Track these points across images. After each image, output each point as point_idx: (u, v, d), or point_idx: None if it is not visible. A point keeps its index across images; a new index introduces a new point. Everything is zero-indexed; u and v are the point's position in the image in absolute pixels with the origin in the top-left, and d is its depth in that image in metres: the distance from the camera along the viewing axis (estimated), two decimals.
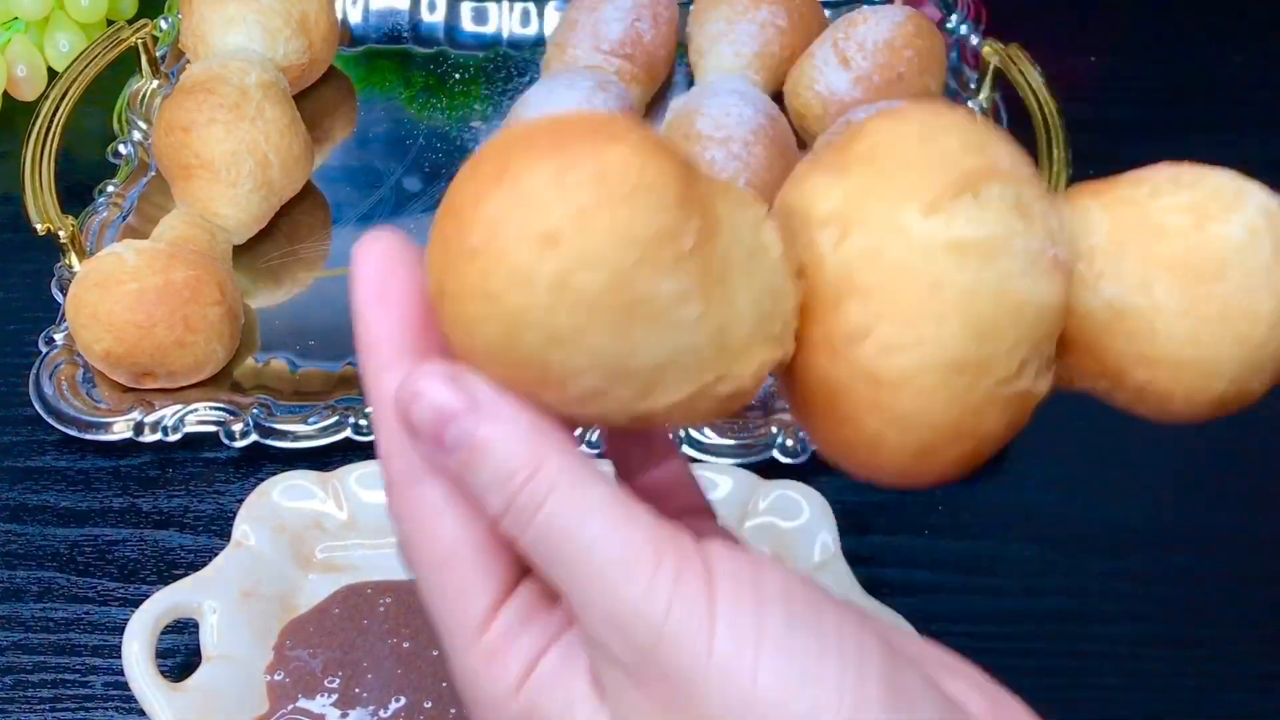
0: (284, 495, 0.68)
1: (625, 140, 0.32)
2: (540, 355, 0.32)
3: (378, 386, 0.36)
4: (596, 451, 0.69)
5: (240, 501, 0.68)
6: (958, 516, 0.70)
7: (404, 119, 0.92)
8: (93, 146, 0.88)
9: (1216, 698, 0.65)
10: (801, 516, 0.67)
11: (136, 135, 0.88)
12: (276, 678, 0.63)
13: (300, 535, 0.67)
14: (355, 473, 0.69)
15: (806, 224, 0.36)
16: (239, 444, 0.73)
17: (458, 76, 0.95)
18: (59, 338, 0.77)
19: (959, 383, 0.35)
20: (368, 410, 0.74)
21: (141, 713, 0.62)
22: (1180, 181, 0.42)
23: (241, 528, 0.67)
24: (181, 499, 0.73)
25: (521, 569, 0.36)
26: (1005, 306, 0.35)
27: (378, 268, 0.36)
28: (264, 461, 0.74)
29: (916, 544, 0.67)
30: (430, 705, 0.62)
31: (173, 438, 0.74)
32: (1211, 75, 0.96)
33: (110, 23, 0.91)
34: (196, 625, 0.64)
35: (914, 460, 0.37)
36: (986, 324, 0.35)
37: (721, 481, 0.68)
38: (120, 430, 0.74)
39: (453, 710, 0.62)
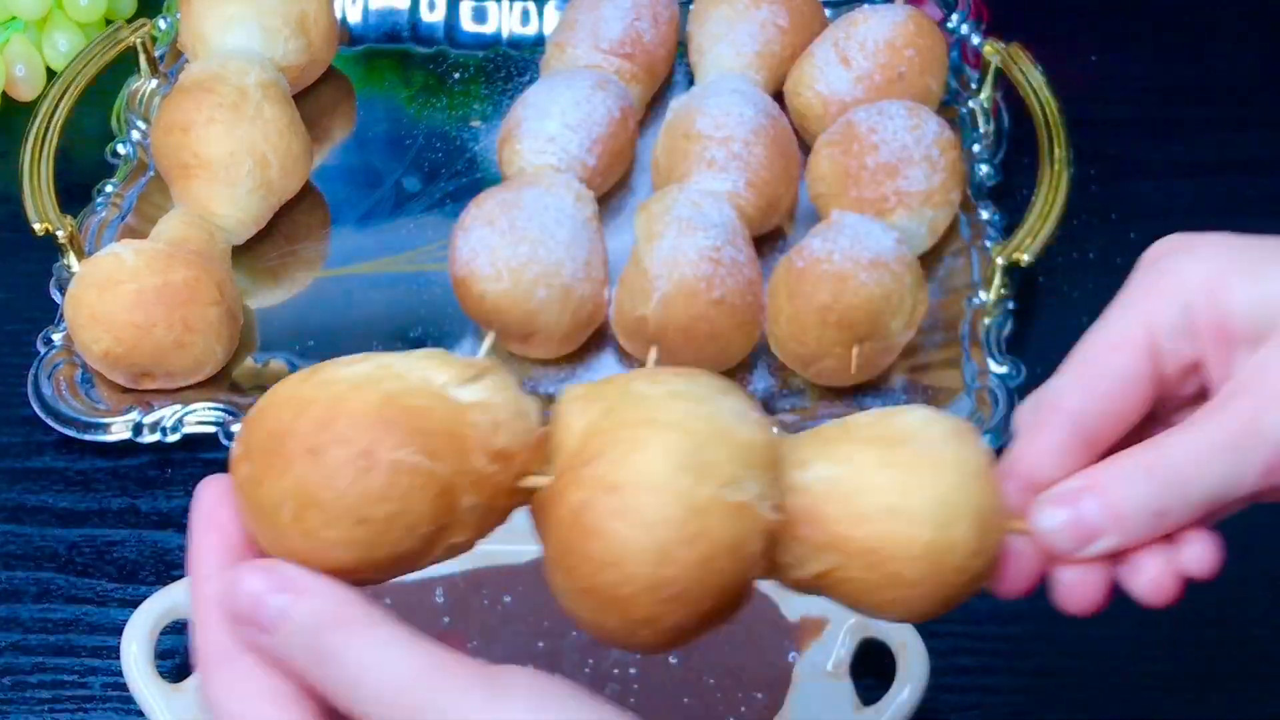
0: None
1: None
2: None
3: (199, 591, 0.43)
4: None
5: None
6: None
7: (403, 119, 0.92)
8: (91, 146, 0.88)
9: (1217, 697, 0.65)
10: None
11: (135, 135, 0.88)
12: None
13: None
14: None
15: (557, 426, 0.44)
16: None
17: (457, 76, 0.95)
18: (57, 338, 0.77)
19: (685, 481, 0.41)
20: None
21: (140, 714, 0.62)
22: (866, 415, 0.47)
23: None
24: (180, 499, 0.73)
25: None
26: (715, 430, 0.42)
27: (211, 501, 0.43)
28: None
29: None
30: None
31: (172, 438, 0.74)
32: (1211, 75, 0.96)
33: (109, 22, 0.91)
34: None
35: (656, 568, 0.41)
36: (701, 437, 0.42)
37: None
38: (119, 431, 0.74)
39: None
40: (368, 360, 0.43)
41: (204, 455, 0.74)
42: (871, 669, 0.64)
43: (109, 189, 0.85)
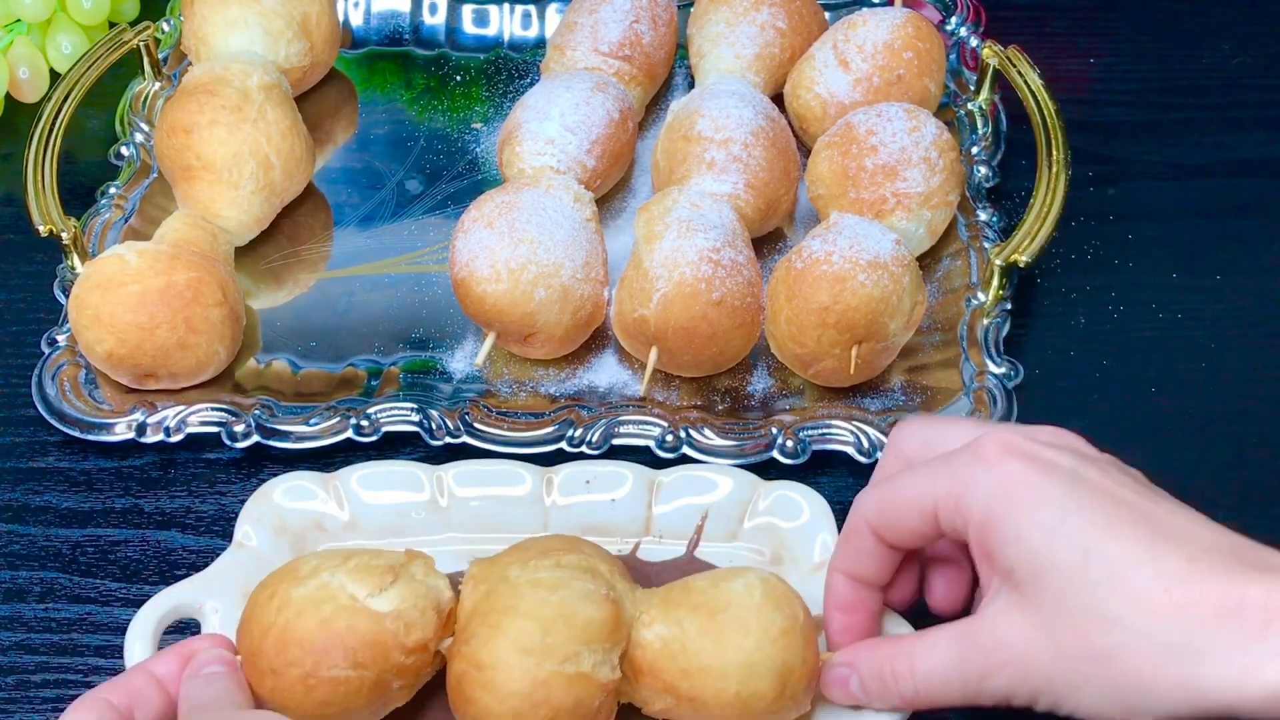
0: (285, 496, 0.68)
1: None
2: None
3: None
4: None
5: (242, 502, 0.68)
6: None
7: (405, 121, 0.92)
8: (95, 148, 0.89)
9: None
10: (801, 517, 0.67)
11: (139, 137, 0.88)
12: None
13: (301, 536, 0.67)
14: (357, 474, 0.69)
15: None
16: (241, 445, 0.73)
17: (458, 79, 0.95)
18: (61, 339, 0.77)
19: (529, 662, 0.56)
20: (369, 411, 0.74)
21: None
22: (703, 578, 0.61)
23: (243, 528, 0.67)
24: (183, 500, 0.73)
25: None
26: (560, 614, 0.56)
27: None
28: (265, 463, 0.74)
29: None
30: (432, 703, 0.63)
31: (175, 439, 0.74)
32: (1211, 75, 0.96)
33: (112, 25, 0.92)
34: (199, 626, 0.64)
35: None
36: (546, 622, 0.56)
37: (721, 482, 0.69)
38: (122, 431, 0.74)
39: None
40: (313, 578, 0.58)
41: (207, 455, 0.74)
42: None
43: (112, 191, 0.85)
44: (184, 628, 0.65)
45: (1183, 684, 0.50)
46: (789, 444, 0.72)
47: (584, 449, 0.73)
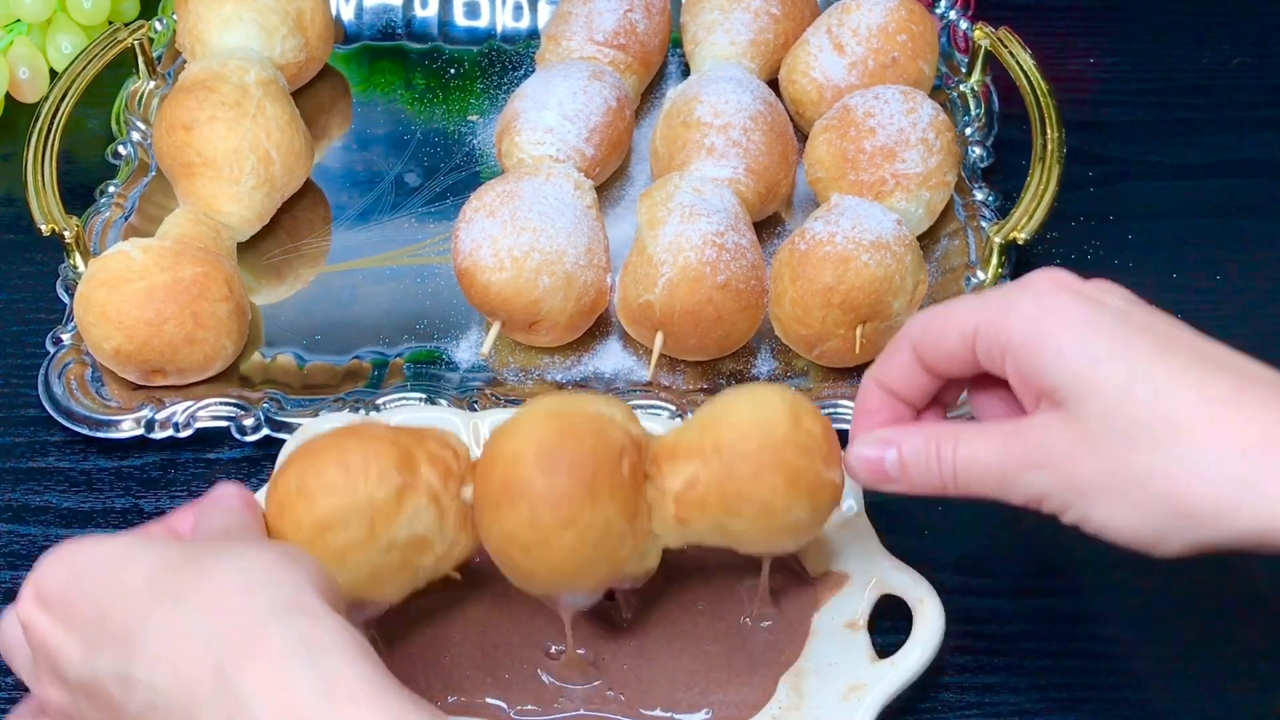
0: None
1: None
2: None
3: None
4: None
5: None
6: (959, 515, 0.71)
7: (401, 115, 0.93)
8: (94, 148, 0.89)
9: (1216, 697, 0.65)
10: None
11: (135, 135, 0.88)
12: None
13: None
14: (397, 418, 0.70)
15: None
16: (250, 438, 0.73)
17: (453, 71, 0.95)
18: (66, 337, 0.78)
19: (554, 416, 0.57)
20: (378, 402, 0.75)
21: None
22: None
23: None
24: (184, 500, 0.73)
25: None
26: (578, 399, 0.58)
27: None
28: (265, 463, 0.74)
29: (916, 544, 0.67)
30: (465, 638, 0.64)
31: (184, 434, 0.74)
32: (1211, 75, 0.96)
33: (112, 24, 0.91)
34: None
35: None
36: (566, 399, 0.58)
37: None
38: (131, 428, 0.74)
39: (466, 674, 0.64)
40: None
41: (209, 455, 0.75)
42: (889, 624, 0.64)
43: (111, 189, 0.85)
44: None
45: (1220, 508, 0.49)
46: None
47: None
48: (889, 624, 0.64)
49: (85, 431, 0.74)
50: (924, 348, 0.58)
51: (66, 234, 0.78)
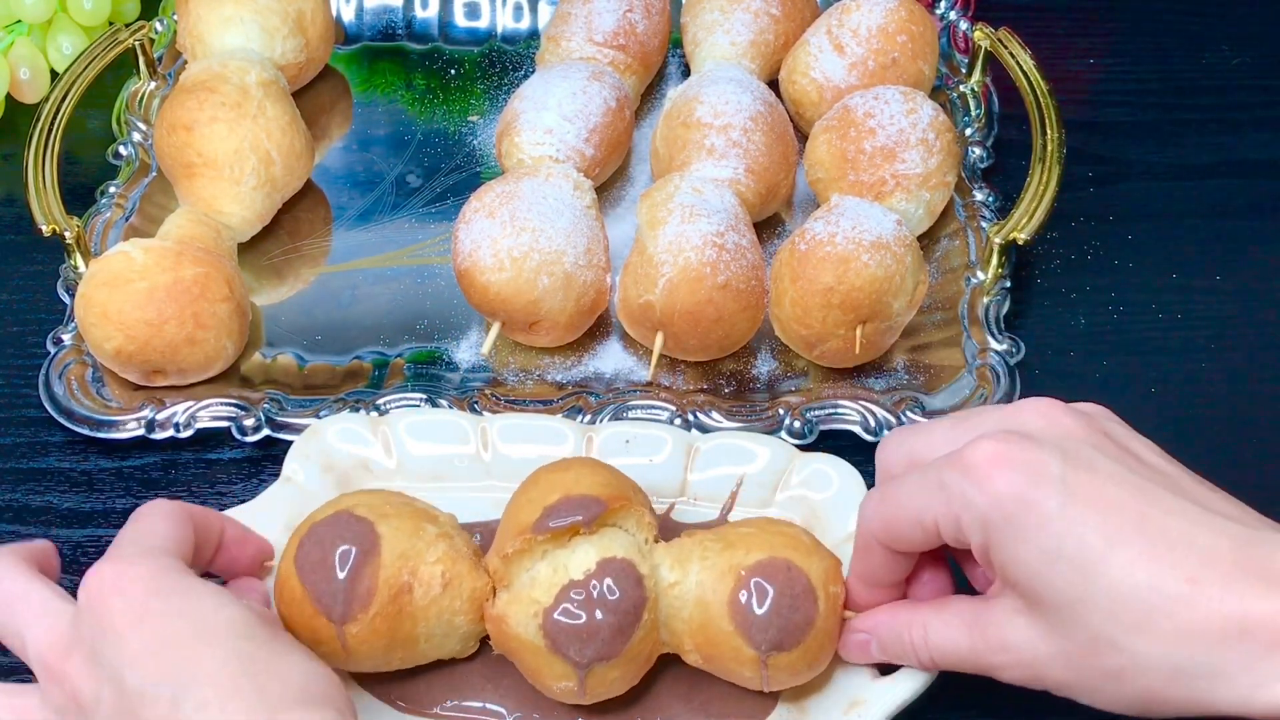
0: (337, 437, 0.70)
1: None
2: None
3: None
4: None
5: (243, 502, 0.69)
6: None
7: (401, 115, 0.93)
8: (94, 148, 0.89)
9: None
10: (833, 488, 0.68)
11: (136, 136, 0.88)
12: None
13: (347, 475, 0.69)
14: (406, 420, 0.71)
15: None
16: (251, 439, 0.73)
17: (453, 72, 0.95)
18: (67, 338, 0.78)
19: None
20: (378, 402, 0.75)
21: None
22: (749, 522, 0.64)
23: (292, 464, 0.69)
24: (184, 499, 0.72)
25: None
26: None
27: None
28: (266, 463, 0.74)
29: None
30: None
31: (185, 434, 0.74)
32: (1211, 75, 0.96)
33: (113, 25, 0.91)
34: None
35: (560, 693, 0.60)
36: None
37: (760, 452, 0.69)
38: (132, 428, 0.74)
39: (467, 679, 0.64)
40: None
41: (209, 456, 0.75)
42: None
43: (112, 190, 0.85)
44: None
45: (1194, 699, 0.51)
46: (796, 424, 0.73)
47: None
48: None
49: (86, 432, 0.74)
50: (891, 543, 0.59)
51: (67, 234, 0.78)
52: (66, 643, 0.54)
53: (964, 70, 0.91)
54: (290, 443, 0.72)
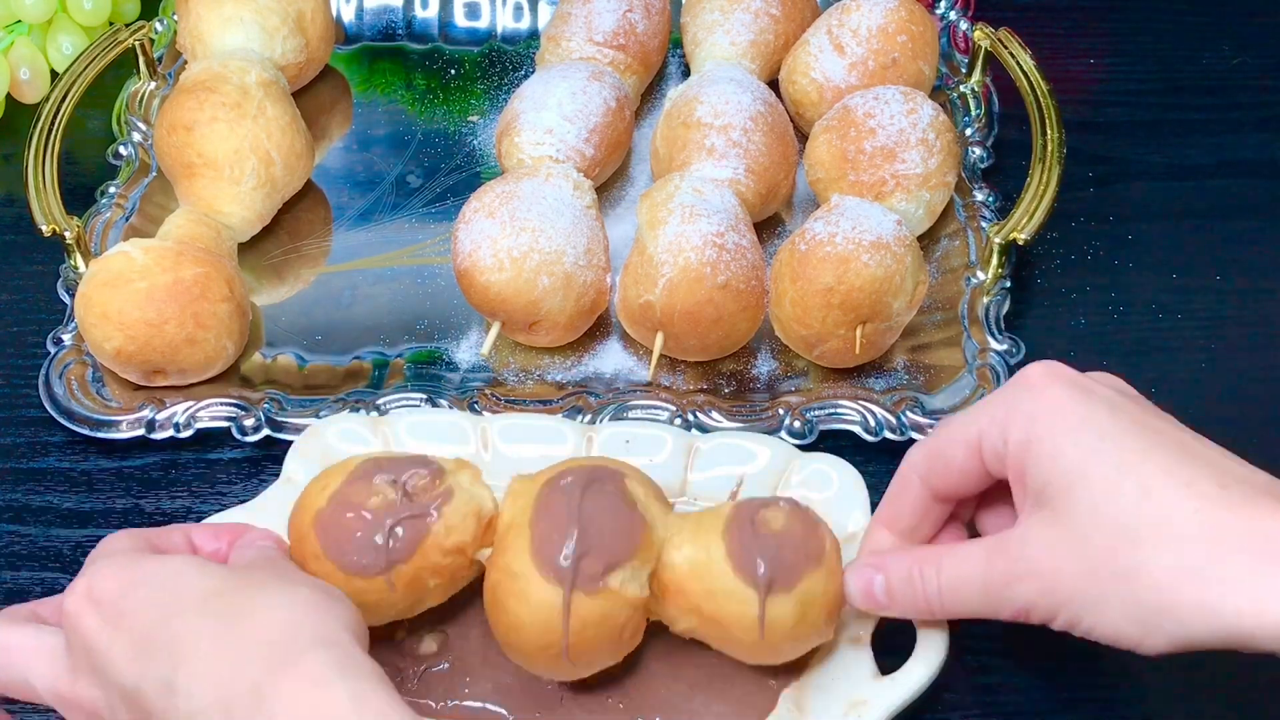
0: (338, 437, 0.70)
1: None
2: None
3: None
4: None
5: (243, 502, 0.69)
6: None
7: (401, 115, 0.93)
8: (94, 148, 0.89)
9: (1217, 698, 0.65)
10: (833, 488, 0.68)
11: (136, 136, 0.88)
12: None
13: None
14: (406, 420, 0.71)
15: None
16: (251, 439, 0.74)
17: (453, 72, 0.95)
18: (67, 338, 0.78)
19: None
20: (378, 402, 0.75)
21: None
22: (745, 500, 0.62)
23: (292, 464, 0.69)
24: (184, 500, 0.73)
25: None
26: (593, 529, 0.58)
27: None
28: (266, 463, 0.74)
29: None
30: (465, 640, 0.64)
31: (185, 434, 0.74)
32: (1211, 75, 0.96)
33: (113, 25, 0.91)
34: None
35: (542, 635, 0.58)
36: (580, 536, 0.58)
37: (760, 452, 0.69)
38: (132, 428, 0.74)
39: (469, 678, 0.64)
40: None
41: (209, 456, 0.75)
42: (893, 641, 0.64)
43: (112, 190, 0.85)
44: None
45: (1202, 607, 0.50)
46: (796, 424, 0.73)
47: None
48: (892, 640, 0.64)
49: (86, 432, 0.74)
50: (933, 476, 0.59)
51: (67, 234, 0.78)
52: (68, 671, 0.55)
53: (964, 70, 0.91)
54: (290, 443, 0.71)
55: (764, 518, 0.59)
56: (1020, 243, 0.77)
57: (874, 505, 0.66)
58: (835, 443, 0.73)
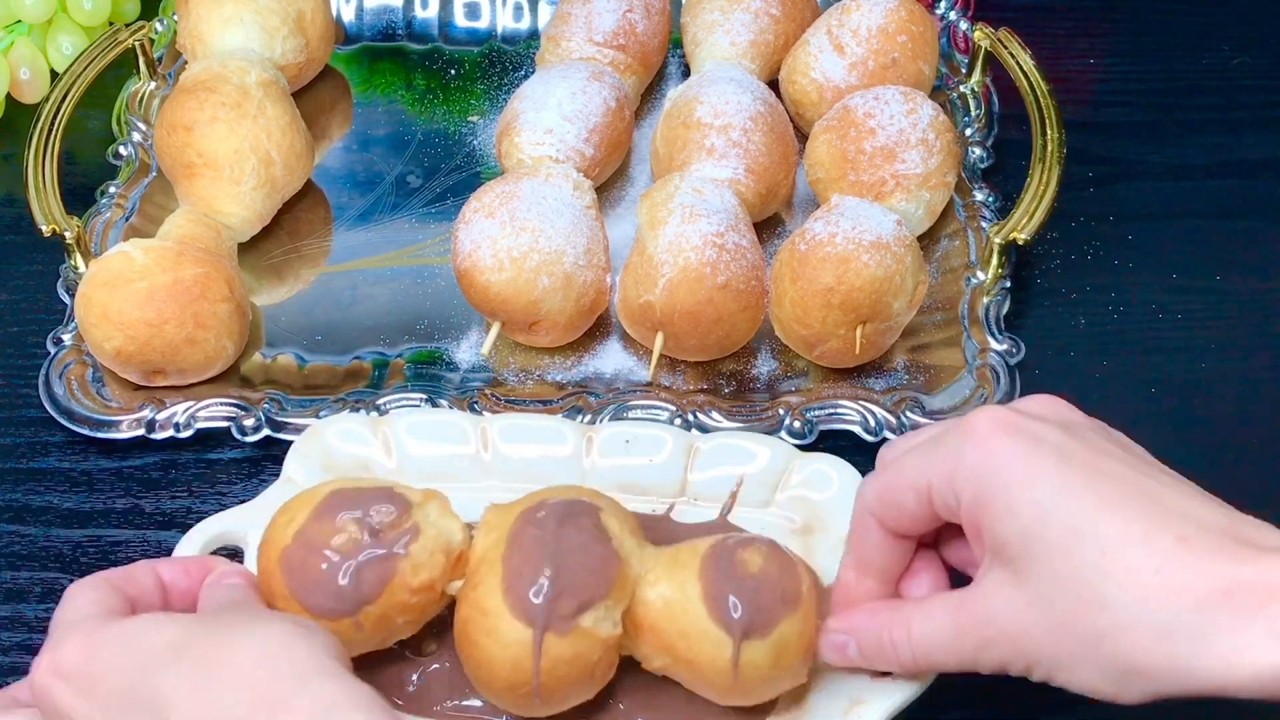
0: (338, 437, 0.70)
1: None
2: None
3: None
4: None
5: (243, 502, 0.69)
6: None
7: (401, 116, 0.93)
8: (94, 148, 0.89)
9: (1217, 698, 0.65)
10: (833, 489, 0.68)
11: (136, 136, 0.88)
12: None
13: (348, 475, 0.68)
14: (406, 420, 0.71)
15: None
16: (251, 439, 0.74)
17: (453, 72, 0.95)
18: (67, 338, 0.78)
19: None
20: (378, 402, 0.75)
21: None
22: (721, 538, 0.61)
23: (292, 464, 0.69)
24: (184, 500, 0.73)
25: None
26: (566, 565, 0.57)
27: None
28: (266, 463, 0.74)
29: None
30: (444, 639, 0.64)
31: (184, 434, 0.74)
32: (1211, 75, 0.96)
33: (113, 25, 0.91)
34: (242, 555, 0.66)
35: (513, 673, 0.57)
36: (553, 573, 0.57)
37: (759, 451, 0.69)
38: (132, 428, 0.74)
39: (467, 681, 0.63)
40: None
41: (209, 456, 0.75)
42: None
43: (112, 190, 0.85)
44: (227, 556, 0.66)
45: (1174, 665, 0.50)
46: (796, 424, 0.73)
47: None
48: None
49: (86, 432, 0.74)
50: (887, 519, 0.58)
51: (67, 235, 0.78)
52: None
53: (964, 70, 0.91)
54: (290, 443, 0.71)
55: (742, 558, 0.58)
56: (1020, 243, 0.78)
57: None
58: (835, 443, 0.73)
